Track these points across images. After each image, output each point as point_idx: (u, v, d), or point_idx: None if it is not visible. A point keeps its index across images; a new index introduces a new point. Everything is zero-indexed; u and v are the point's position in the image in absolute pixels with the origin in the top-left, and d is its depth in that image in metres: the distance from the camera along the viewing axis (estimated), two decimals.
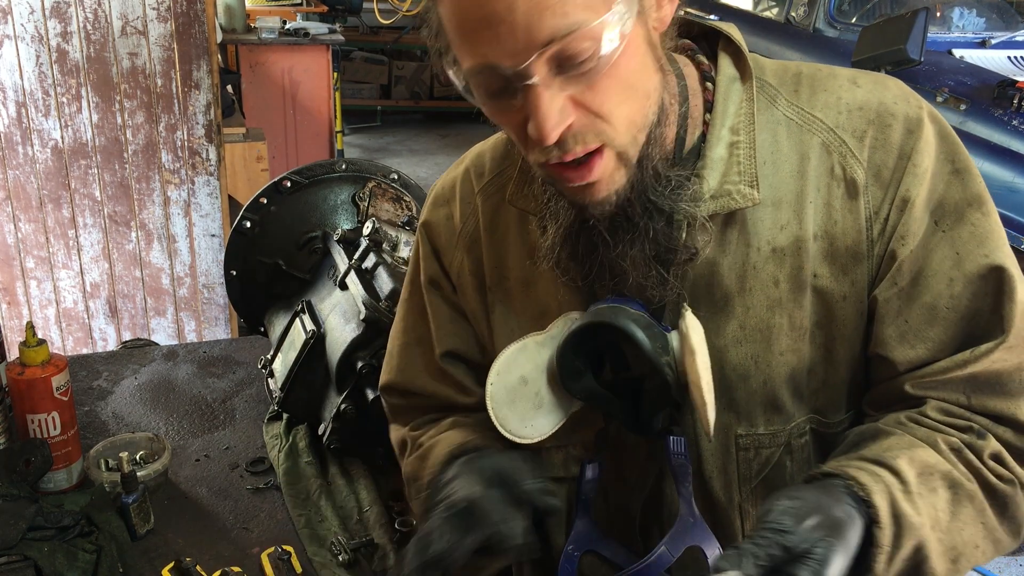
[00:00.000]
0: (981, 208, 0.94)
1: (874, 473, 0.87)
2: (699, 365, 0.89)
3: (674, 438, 0.98)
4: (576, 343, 0.95)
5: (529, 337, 1.00)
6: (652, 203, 0.90)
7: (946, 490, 0.90)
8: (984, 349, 0.93)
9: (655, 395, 0.95)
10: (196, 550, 1.39)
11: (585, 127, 0.84)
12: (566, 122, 0.82)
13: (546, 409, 1.00)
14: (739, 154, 0.95)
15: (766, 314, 0.96)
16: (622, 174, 0.88)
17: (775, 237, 0.95)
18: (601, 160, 0.86)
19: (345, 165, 1.93)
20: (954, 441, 0.93)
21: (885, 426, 0.96)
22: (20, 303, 2.97)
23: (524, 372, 1.00)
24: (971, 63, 4.15)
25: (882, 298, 0.95)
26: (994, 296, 0.93)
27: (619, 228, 0.92)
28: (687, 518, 0.94)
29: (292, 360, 1.67)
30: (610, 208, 0.90)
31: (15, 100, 2.72)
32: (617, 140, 0.86)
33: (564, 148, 0.84)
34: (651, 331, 0.92)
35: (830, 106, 0.96)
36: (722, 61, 0.98)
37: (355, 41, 7.93)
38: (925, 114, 0.95)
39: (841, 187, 0.94)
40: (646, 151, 0.88)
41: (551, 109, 0.81)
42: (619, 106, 0.84)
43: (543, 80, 0.80)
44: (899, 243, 0.94)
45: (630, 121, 0.86)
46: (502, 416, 1.00)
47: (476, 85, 0.85)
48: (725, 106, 0.96)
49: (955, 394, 0.95)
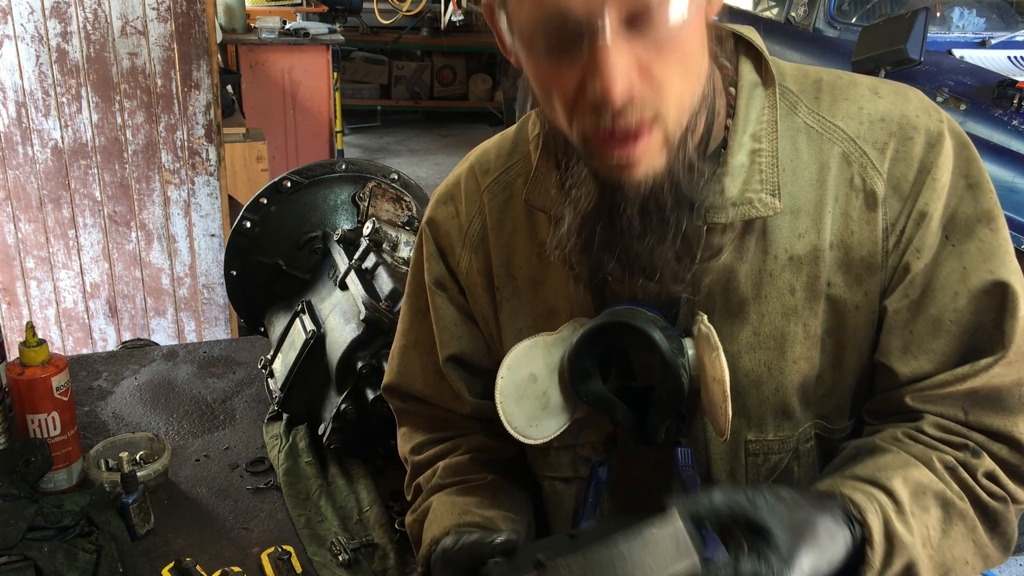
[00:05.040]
0: (991, 224, 0.95)
1: (869, 493, 0.88)
2: (722, 361, 0.89)
3: (682, 450, 0.98)
4: (589, 343, 0.95)
5: (540, 336, 1.00)
6: (683, 194, 0.88)
7: (938, 508, 0.91)
8: (984, 364, 0.93)
9: (665, 400, 0.94)
10: (196, 550, 1.39)
11: (645, 97, 0.80)
12: (631, 81, 0.78)
13: (552, 410, 1.00)
14: (761, 162, 0.94)
15: (781, 322, 0.96)
16: (663, 156, 0.85)
17: (793, 245, 0.95)
18: (649, 137, 0.83)
19: (345, 165, 1.93)
20: (948, 459, 0.93)
21: (882, 442, 0.96)
22: (20, 303, 2.97)
23: (534, 369, 0.99)
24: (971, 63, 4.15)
25: (892, 309, 0.95)
26: (997, 311, 0.93)
27: (648, 216, 0.88)
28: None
29: (292, 360, 1.67)
30: (644, 190, 0.87)
31: (15, 100, 2.72)
32: (669, 118, 0.83)
33: (620, 115, 0.80)
34: (667, 333, 0.92)
35: (851, 116, 0.96)
36: (743, 66, 0.97)
37: (355, 41, 7.92)
38: (946, 128, 0.95)
39: (860, 198, 0.94)
40: (685, 138, 0.86)
41: (620, 65, 0.77)
42: (678, 81, 0.82)
43: (614, 31, 0.77)
44: (914, 256, 0.94)
45: (681, 100, 0.83)
46: (509, 412, 1.00)
47: (536, 39, 0.81)
48: (747, 112, 0.95)
49: (953, 409, 0.95)
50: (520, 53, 0.85)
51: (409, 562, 1.36)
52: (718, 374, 0.89)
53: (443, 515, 1.07)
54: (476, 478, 1.12)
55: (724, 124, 0.96)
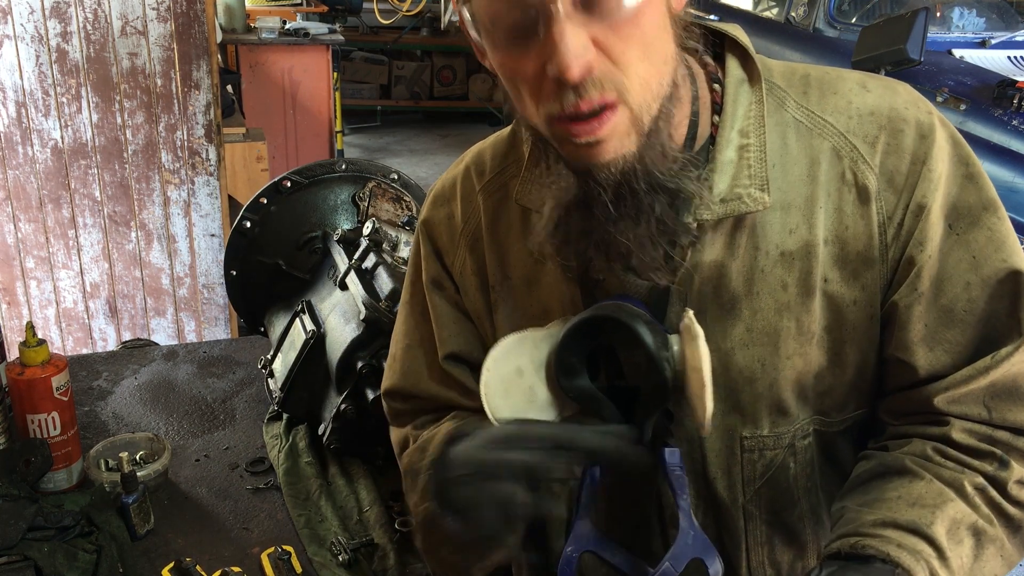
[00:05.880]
0: (996, 213, 0.95)
1: (914, 550, 0.88)
2: (701, 351, 0.88)
3: (669, 450, 0.98)
4: (575, 338, 0.95)
5: (529, 330, 0.99)
6: (658, 181, 0.88)
7: (971, 539, 0.92)
8: (1004, 353, 0.93)
9: (650, 396, 0.94)
10: (196, 550, 1.39)
11: (604, 74, 0.82)
12: (588, 57, 0.80)
13: (538, 406, 0.99)
14: (749, 157, 0.94)
15: (774, 317, 0.96)
16: (632, 139, 0.86)
17: (784, 241, 0.95)
18: (614, 116, 0.84)
19: (345, 165, 1.93)
20: (979, 481, 0.94)
21: (913, 464, 0.96)
22: (20, 303, 2.97)
23: (521, 363, 0.99)
24: (971, 63, 4.16)
25: (902, 304, 0.95)
26: (1011, 300, 0.94)
27: (623, 201, 0.89)
28: (687, 531, 0.93)
29: (292, 360, 1.67)
30: (616, 172, 0.87)
31: (15, 100, 2.72)
32: (632, 97, 0.84)
33: (581, 93, 0.82)
34: (652, 327, 0.92)
35: (840, 110, 0.96)
36: (730, 63, 0.98)
37: (355, 41, 7.93)
38: (936, 119, 0.95)
39: (852, 192, 0.94)
40: (656, 125, 0.87)
41: (575, 41, 0.79)
42: (638, 61, 0.83)
43: (567, 11, 0.79)
44: (917, 248, 0.94)
45: (646, 81, 0.84)
46: (495, 405, 0.99)
47: (496, 29, 0.83)
48: (734, 108, 0.95)
49: (977, 408, 0.95)
50: (486, 48, 0.87)
51: (409, 562, 1.36)
52: (697, 363, 0.88)
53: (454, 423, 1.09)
54: None
55: (711, 121, 0.96)
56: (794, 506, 1.05)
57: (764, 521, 1.05)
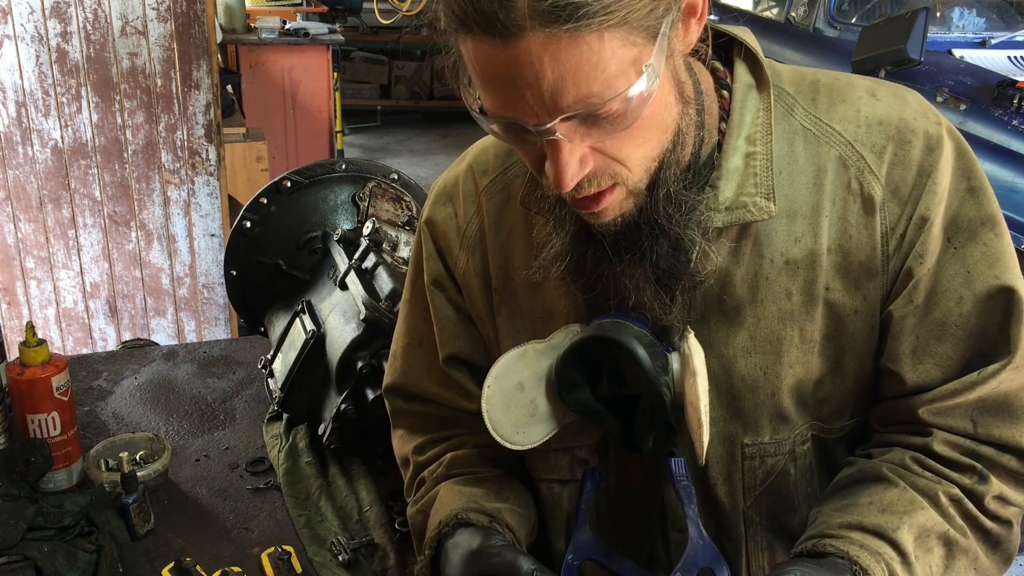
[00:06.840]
0: (994, 228, 0.94)
1: (875, 552, 0.89)
2: (699, 388, 0.89)
3: (675, 460, 0.98)
4: (576, 355, 0.95)
5: (530, 344, 1.00)
6: (659, 227, 0.89)
7: (941, 547, 0.93)
8: (991, 370, 0.93)
9: (649, 415, 0.94)
10: (196, 550, 1.39)
11: (601, 171, 0.83)
12: (584, 172, 0.82)
13: (539, 418, 1.00)
14: (755, 165, 0.93)
15: (777, 326, 0.96)
16: (631, 203, 0.88)
17: (789, 249, 0.95)
18: (612, 195, 0.86)
19: (345, 165, 1.93)
20: (954, 492, 0.94)
21: (889, 472, 0.96)
22: (20, 303, 2.97)
23: (521, 378, 0.99)
24: (971, 63, 4.15)
25: (897, 314, 0.95)
26: (1002, 316, 0.93)
27: (623, 247, 0.91)
28: (696, 541, 0.94)
29: (292, 360, 1.67)
30: (616, 227, 0.89)
31: (15, 100, 2.72)
32: (631, 180, 0.85)
33: (577, 190, 0.84)
34: (652, 350, 0.92)
35: (848, 119, 0.95)
36: (738, 68, 0.97)
37: (355, 41, 7.93)
38: (944, 131, 0.95)
39: (857, 202, 0.94)
40: (658, 176, 0.87)
41: (571, 161, 0.80)
42: (638, 149, 0.84)
43: (566, 135, 0.79)
44: (916, 261, 0.94)
45: (646, 160, 0.85)
46: (495, 420, 1.00)
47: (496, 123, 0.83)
48: (742, 115, 0.95)
49: (963, 422, 0.95)
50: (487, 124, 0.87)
51: (409, 562, 1.36)
52: (695, 400, 0.90)
53: (450, 501, 1.07)
54: (483, 471, 1.12)
55: (718, 127, 0.95)
56: (794, 512, 1.05)
57: (764, 527, 1.05)
